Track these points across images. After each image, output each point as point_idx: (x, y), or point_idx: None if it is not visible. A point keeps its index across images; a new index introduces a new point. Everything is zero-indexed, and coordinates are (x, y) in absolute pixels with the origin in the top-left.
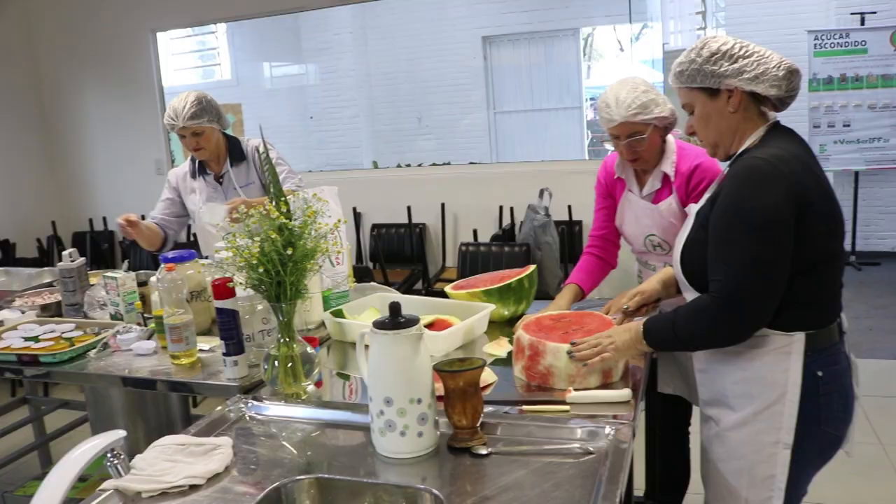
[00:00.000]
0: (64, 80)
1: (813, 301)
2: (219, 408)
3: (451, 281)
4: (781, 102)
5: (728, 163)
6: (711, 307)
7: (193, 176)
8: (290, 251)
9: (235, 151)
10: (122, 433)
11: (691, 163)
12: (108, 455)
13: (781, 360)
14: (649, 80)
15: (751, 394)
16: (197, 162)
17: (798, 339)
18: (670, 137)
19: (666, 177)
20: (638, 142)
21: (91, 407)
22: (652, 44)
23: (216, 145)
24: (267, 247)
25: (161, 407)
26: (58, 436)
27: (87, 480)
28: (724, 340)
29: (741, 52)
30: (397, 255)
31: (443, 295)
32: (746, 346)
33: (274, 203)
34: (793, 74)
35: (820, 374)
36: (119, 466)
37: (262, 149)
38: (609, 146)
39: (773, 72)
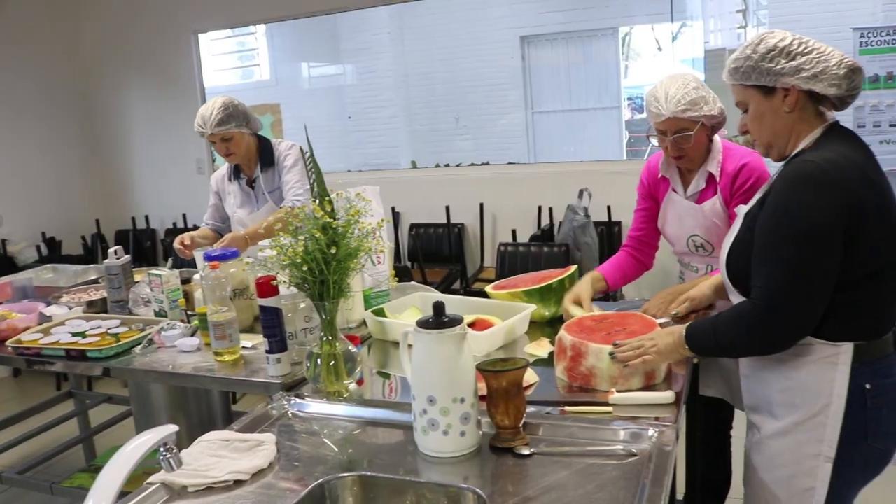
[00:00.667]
0: (109, 81)
1: (864, 311)
2: (261, 405)
3: (489, 281)
4: (841, 102)
5: (781, 164)
6: (753, 314)
7: (230, 178)
8: (333, 250)
9: (265, 155)
10: (174, 427)
11: (738, 162)
12: (161, 449)
13: (827, 370)
14: None
15: (794, 403)
16: (233, 165)
17: (846, 350)
18: (717, 137)
19: (711, 177)
20: (684, 139)
21: (134, 402)
22: (692, 43)
23: (247, 149)
24: (311, 245)
25: (202, 403)
26: (102, 430)
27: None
28: (764, 348)
29: (800, 49)
30: (436, 255)
31: (481, 295)
32: (791, 354)
33: (318, 202)
34: (854, 73)
35: (868, 386)
36: (171, 460)
37: (286, 150)
38: (654, 141)
39: (833, 70)
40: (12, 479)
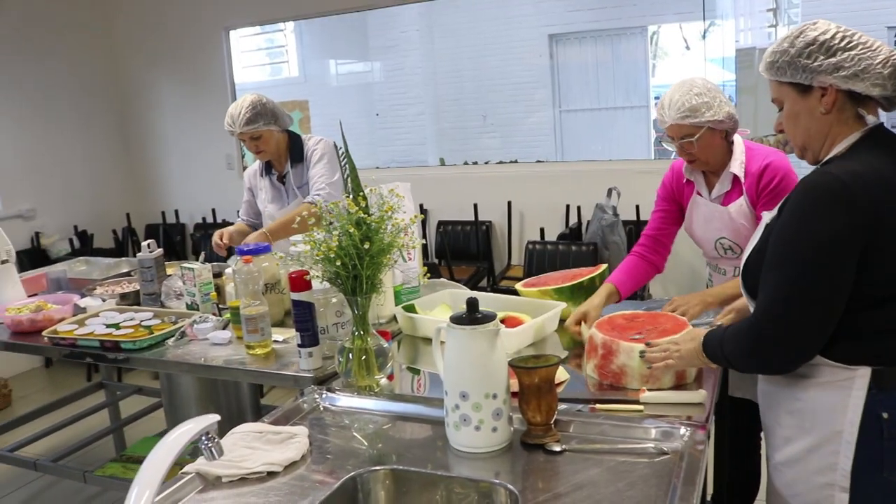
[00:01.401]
0: (141, 77)
1: (885, 334)
2: (293, 398)
3: (516, 279)
4: (890, 102)
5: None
6: (751, 332)
7: (262, 174)
8: (367, 245)
9: (295, 151)
10: (216, 417)
11: (761, 162)
12: (203, 438)
13: (840, 394)
14: (717, 80)
15: (804, 426)
16: (264, 161)
17: (861, 375)
18: (737, 137)
19: (735, 178)
20: (689, 144)
21: (165, 394)
22: (722, 41)
23: (277, 146)
24: (345, 241)
25: (232, 395)
26: (132, 421)
27: None
28: (762, 368)
29: (842, 44)
30: (463, 253)
31: (508, 292)
32: (801, 375)
33: (352, 198)
34: None
35: (885, 416)
36: (213, 449)
37: (314, 145)
38: (667, 145)
39: (877, 69)
40: (47, 466)
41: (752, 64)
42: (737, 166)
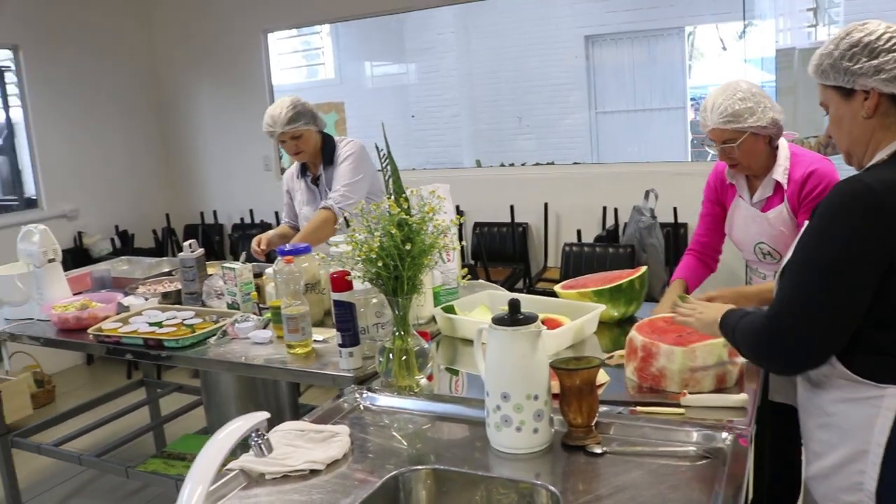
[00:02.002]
0: (181, 80)
1: None
2: (333, 397)
3: (552, 281)
4: None
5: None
6: (762, 330)
7: (298, 176)
8: (408, 247)
9: (328, 153)
10: (265, 415)
11: (805, 169)
12: (253, 435)
13: (868, 413)
14: (757, 82)
15: (832, 442)
16: (301, 163)
17: (891, 395)
18: (783, 142)
19: (778, 185)
20: (731, 148)
21: (205, 392)
22: (761, 42)
23: (314, 147)
24: (386, 242)
25: (271, 394)
26: (172, 418)
27: None
28: (766, 365)
29: (886, 46)
30: (499, 254)
31: (545, 294)
32: (833, 388)
33: (394, 199)
34: None
35: None
36: (262, 446)
37: (347, 147)
38: (709, 149)
39: None
40: (91, 461)
41: (792, 64)
42: (780, 173)
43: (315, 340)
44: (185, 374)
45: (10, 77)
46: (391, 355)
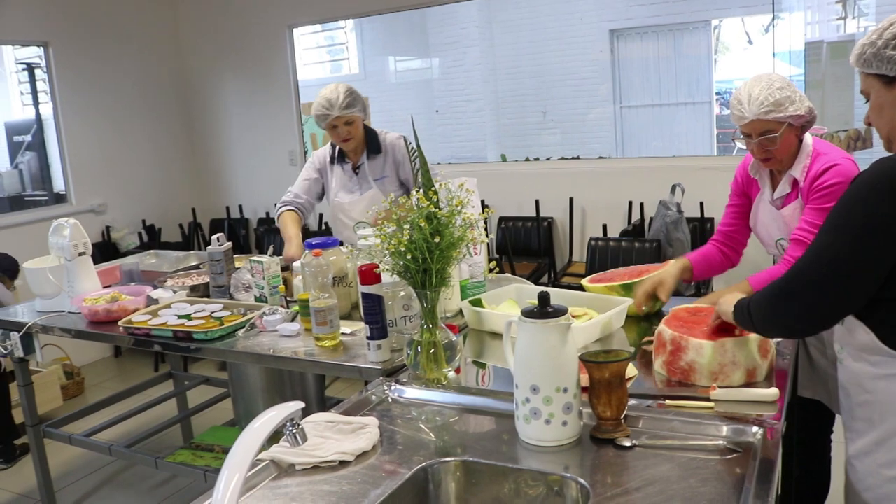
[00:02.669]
0: (206, 74)
1: None
2: (361, 389)
3: (578, 275)
4: None
5: None
6: (774, 291)
7: (332, 162)
8: (437, 239)
9: (372, 143)
10: (300, 404)
11: (823, 165)
12: (288, 425)
13: None
14: (786, 75)
15: (871, 419)
16: (337, 149)
17: None
18: (807, 138)
19: (795, 181)
20: (770, 140)
21: (233, 384)
22: (788, 35)
23: (361, 135)
24: (415, 235)
25: (298, 387)
26: (199, 410)
27: None
28: (776, 326)
29: None
30: (524, 249)
31: (571, 288)
32: (871, 364)
33: (423, 192)
34: None
35: None
36: (297, 435)
37: (396, 141)
38: (741, 144)
39: None
40: (121, 452)
41: (820, 58)
42: (798, 170)
43: (343, 333)
44: (211, 366)
45: (39, 74)
46: (419, 348)
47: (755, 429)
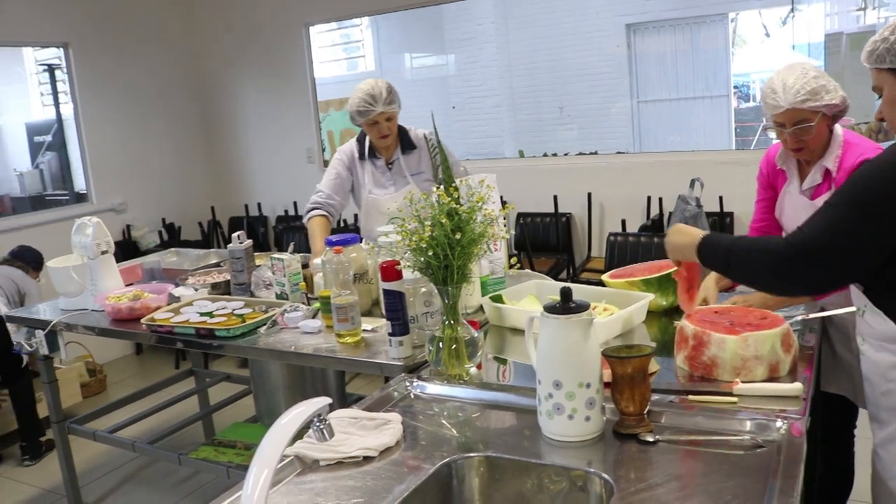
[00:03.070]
0: (224, 74)
1: None
2: (382, 385)
3: (597, 271)
4: None
5: None
6: (778, 251)
7: (361, 158)
8: (458, 236)
9: (405, 139)
10: (327, 400)
11: (858, 158)
12: (315, 420)
13: None
14: None
15: (895, 408)
16: (367, 146)
17: None
18: (838, 128)
19: (827, 172)
20: (804, 130)
21: (254, 381)
22: (807, 27)
23: (396, 131)
24: (437, 231)
25: (319, 383)
26: (220, 407)
27: (252, 449)
28: (772, 288)
29: None
30: (543, 245)
31: (591, 284)
32: (893, 354)
33: (443, 188)
34: None
35: None
36: (324, 430)
37: (428, 135)
38: (772, 134)
39: None
40: (144, 448)
41: (840, 49)
42: (831, 160)
43: (364, 330)
44: (232, 363)
45: (59, 74)
46: (441, 344)
47: (780, 424)
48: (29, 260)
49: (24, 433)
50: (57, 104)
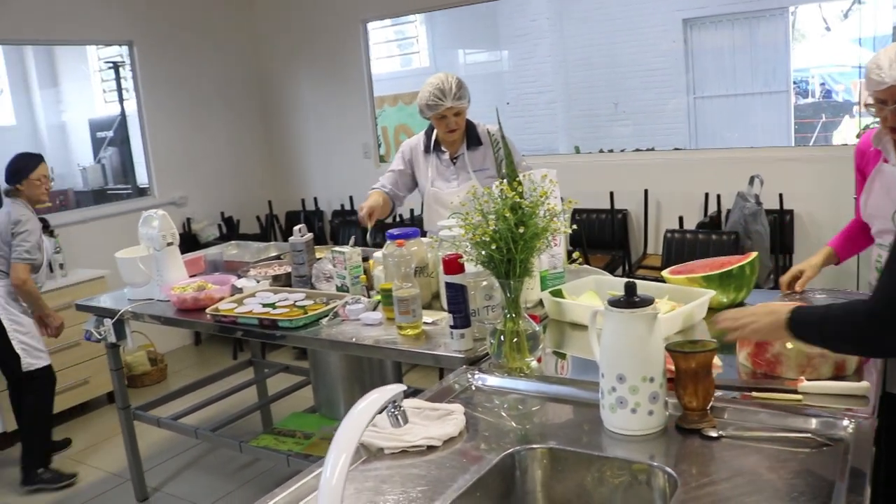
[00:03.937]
0: (283, 70)
1: None
2: (442, 377)
3: (653, 268)
4: None
5: None
6: (862, 314)
7: (427, 151)
8: (521, 230)
9: (472, 135)
10: (402, 387)
11: None
12: (390, 406)
13: None
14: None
15: None
16: (433, 139)
17: None
18: None
19: None
20: None
21: (314, 372)
22: (873, 19)
23: (464, 126)
24: (500, 224)
25: (377, 375)
26: (279, 398)
27: (311, 438)
28: (867, 352)
29: None
30: (598, 241)
31: (647, 280)
32: None
33: (507, 182)
34: None
35: None
36: (398, 416)
37: (492, 131)
38: (871, 111)
39: None
40: (207, 435)
41: None
42: None
43: (424, 322)
44: (289, 355)
45: (122, 72)
46: (502, 337)
47: (846, 422)
48: (8, 179)
49: (23, 451)
50: (121, 100)
